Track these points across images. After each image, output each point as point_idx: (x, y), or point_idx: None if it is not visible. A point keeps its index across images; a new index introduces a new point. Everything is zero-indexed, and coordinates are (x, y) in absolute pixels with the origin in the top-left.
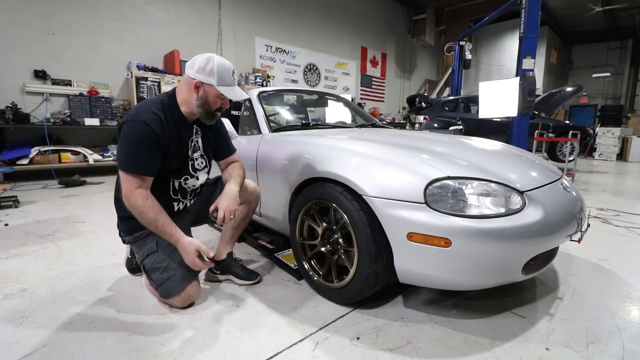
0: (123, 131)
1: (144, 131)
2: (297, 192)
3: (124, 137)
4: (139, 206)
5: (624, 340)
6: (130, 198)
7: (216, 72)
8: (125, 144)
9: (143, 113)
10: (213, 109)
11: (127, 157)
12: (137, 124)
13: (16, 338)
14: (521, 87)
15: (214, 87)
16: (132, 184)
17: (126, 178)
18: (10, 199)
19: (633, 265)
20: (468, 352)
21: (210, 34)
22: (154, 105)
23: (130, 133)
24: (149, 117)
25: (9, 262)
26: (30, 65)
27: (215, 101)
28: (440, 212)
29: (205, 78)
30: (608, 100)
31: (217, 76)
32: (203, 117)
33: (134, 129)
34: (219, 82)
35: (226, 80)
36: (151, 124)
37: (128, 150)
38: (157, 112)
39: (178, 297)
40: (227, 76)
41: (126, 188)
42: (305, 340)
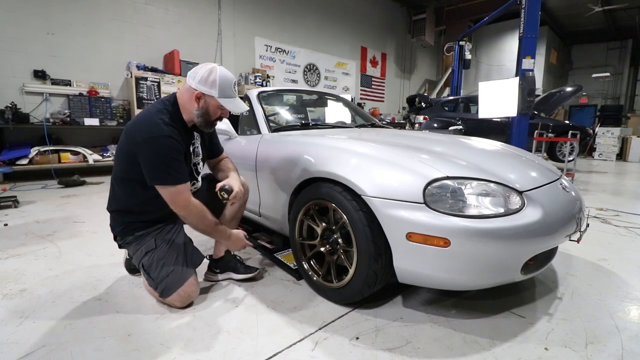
0: (151, 149)
1: (170, 143)
2: (297, 192)
3: (156, 154)
4: (200, 211)
5: (623, 340)
6: (190, 206)
7: (218, 84)
8: (162, 160)
9: (161, 126)
10: (212, 119)
11: (171, 172)
12: (164, 139)
13: (15, 338)
14: (521, 87)
15: (214, 99)
16: (186, 194)
17: (177, 190)
18: (9, 199)
19: (632, 265)
20: (467, 352)
21: (210, 34)
22: (164, 116)
23: (160, 149)
24: (169, 130)
25: (8, 262)
26: (30, 65)
27: (215, 112)
28: (440, 212)
29: (206, 89)
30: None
31: (218, 88)
32: (203, 126)
33: (163, 145)
34: (220, 94)
35: (227, 92)
36: (173, 135)
37: (167, 164)
38: (169, 122)
39: (177, 297)
40: (229, 88)
41: (184, 199)
42: (304, 340)
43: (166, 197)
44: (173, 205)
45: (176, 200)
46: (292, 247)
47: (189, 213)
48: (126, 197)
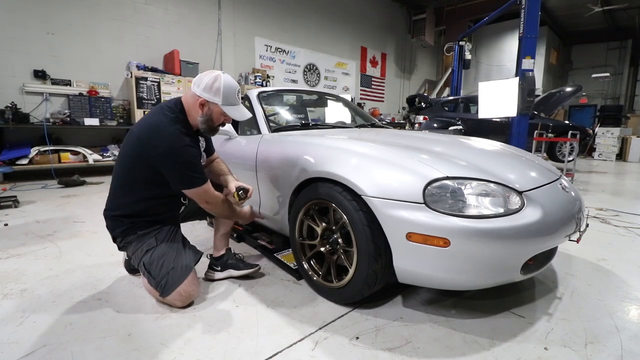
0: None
1: (191, 150)
2: (297, 192)
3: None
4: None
5: (623, 340)
6: (217, 200)
7: (222, 91)
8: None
9: (181, 137)
10: (216, 125)
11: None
12: (185, 148)
13: (16, 338)
14: (520, 87)
15: (218, 106)
16: (212, 190)
17: (205, 190)
18: (9, 199)
19: (632, 265)
20: (467, 352)
21: (210, 34)
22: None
23: (185, 157)
24: (188, 140)
25: (8, 262)
26: (30, 65)
27: (218, 118)
28: (439, 212)
29: (210, 97)
30: (607, 101)
31: (222, 96)
32: (206, 131)
33: (187, 154)
34: (224, 101)
35: (231, 100)
36: (193, 144)
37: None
38: (187, 132)
39: (177, 296)
40: (232, 96)
41: (212, 196)
42: (304, 340)
43: (195, 197)
44: (202, 202)
45: (206, 198)
46: (292, 247)
47: (216, 204)
48: (130, 198)
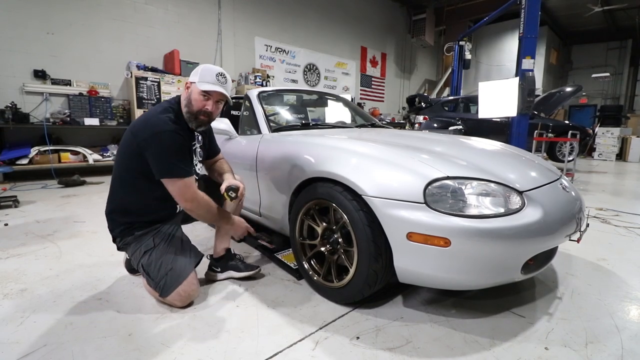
0: (159, 143)
1: (177, 138)
2: (297, 192)
3: (164, 148)
4: (207, 202)
5: (623, 340)
6: (197, 199)
7: (200, 71)
8: (171, 154)
9: (167, 122)
10: (195, 109)
11: (179, 165)
12: (169, 134)
13: (16, 338)
14: (521, 87)
15: (196, 85)
16: (193, 187)
17: (185, 183)
18: (9, 198)
19: (632, 265)
20: (467, 352)
21: (210, 34)
22: (169, 115)
23: (167, 144)
24: (173, 127)
25: (8, 262)
26: (30, 65)
27: (197, 99)
28: (440, 212)
29: (192, 78)
30: (607, 100)
31: (199, 74)
32: (191, 120)
33: (169, 139)
34: (200, 79)
35: (207, 78)
36: (178, 131)
37: (175, 158)
38: (174, 119)
39: (177, 296)
40: (210, 75)
41: (192, 192)
42: (305, 340)
43: (174, 191)
44: (181, 198)
45: (184, 193)
46: (292, 247)
47: (197, 205)
48: (127, 197)
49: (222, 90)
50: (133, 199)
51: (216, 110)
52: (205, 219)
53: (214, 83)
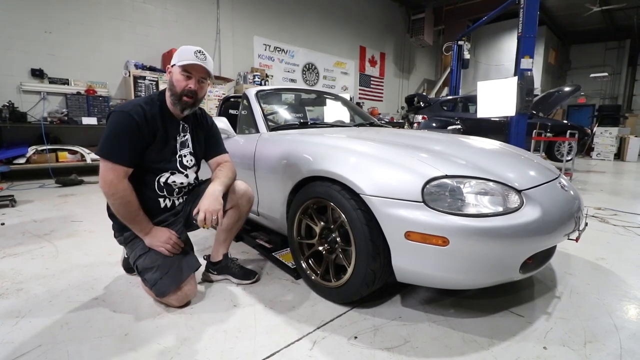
0: (108, 122)
1: (125, 121)
2: (295, 191)
3: (108, 127)
4: (124, 196)
5: (622, 339)
6: (115, 187)
7: (178, 52)
8: (109, 134)
9: (128, 105)
10: (178, 90)
11: (111, 146)
12: (120, 114)
13: (11, 338)
14: (519, 86)
15: (176, 66)
16: (116, 174)
17: (111, 167)
18: (7, 198)
19: (631, 264)
20: (466, 351)
21: (208, 33)
22: (142, 100)
23: (113, 123)
24: (132, 109)
25: (5, 261)
26: (28, 64)
27: (179, 80)
28: (438, 211)
29: (172, 62)
30: (606, 100)
31: (178, 55)
32: (175, 102)
33: (116, 119)
34: (179, 59)
35: (185, 57)
36: (133, 114)
37: (111, 139)
38: (143, 105)
39: (174, 296)
40: (188, 53)
41: (112, 177)
42: (302, 340)
43: (100, 172)
44: (101, 181)
45: (105, 177)
46: (290, 246)
47: (113, 194)
48: None
49: (202, 64)
50: None
51: (200, 90)
52: (119, 214)
53: (193, 59)
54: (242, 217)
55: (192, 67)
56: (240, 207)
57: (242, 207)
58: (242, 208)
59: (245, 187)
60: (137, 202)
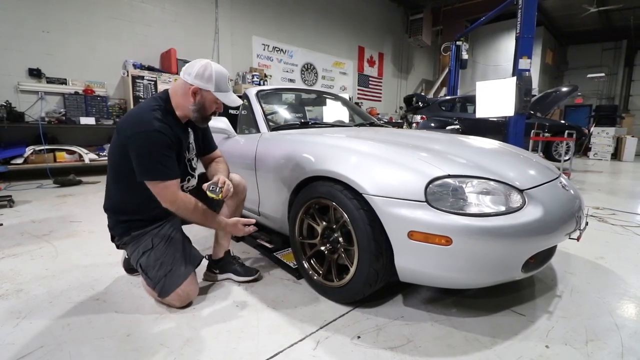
0: (141, 143)
1: (157, 138)
2: (297, 191)
3: (146, 149)
4: (189, 203)
5: (623, 338)
6: (178, 202)
7: (214, 78)
8: (150, 154)
9: (152, 121)
10: (208, 113)
11: (159, 167)
12: (153, 134)
13: (12, 339)
14: (518, 87)
15: (211, 93)
16: (173, 189)
17: (166, 185)
18: (4, 198)
19: (630, 263)
20: (469, 350)
21: (207, 33)
22: (156, 112)
23: (145, 144)
24: (160, 125)
25: (4, 262)
26: (25, 63)
27: (211, 106)
28: (441, 211)
29: (203, 84)
30: (602, 101)
31: (215, 83)
32: (199, 121)
33: (153, 139)
34: (217, 88)
35: (222, 87)
36: (164, 131)
37: (155, 159)
38: (160, 118)
39: (175, 297)
40: (224, 83)
41: (171, 194)
42: (305, 340)
43: (156, 192)
44: (161, 200)
45: (164, 195)
46: (292, 246)
47: (178, 207)
48: (120, 194)
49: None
50: (128, 198)
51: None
52: (191, 220)
53: (229, 90)
54: (240, 207)
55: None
56: (238, 195)
57: (239, 195)
58: (240, 197)
59: (240, 178)
60: (200, 203)
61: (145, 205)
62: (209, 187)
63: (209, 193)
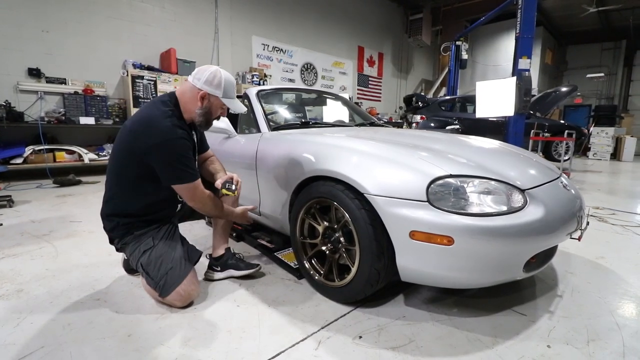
0: (169, 151)
1: (187, 145)
2: (298, 191)
3: (174, 156)
4: (214, 199)
5: (624, 337)
6: (206, 198)
7: (223, 85)
8: (180, 160)
9: (174, 129)
10: (213, 117)
11: (188, 170)
12: (180, 142)
13: (13, 339)
14: (518, 86)
15: (218, 99)
16: (202, 188)
17: (195, 186)
18: (4, 198)
19: (630, 263)
20: (470, 350)
21: (206, 33)
22: (172, 119)
23: (180, 151)
24: (182, 132)
25: (4, 262)
26: (25, 63)
27: (216, 111)
28: (443, 211)
29: (212, 90)
30: (602, 101)
31: (223, 89)
32: (202, 124)
33: (180, 147)
34: (225, 94)
35: (229, 93)
36: (186, 137)
37: (184, 164)
38: (181, 125)
39: (177, 295)
40: (231, 89)
41: (200, 193)
42: (307, 340)
43: (184, 193)
44: (191, 200)
45: (195, 195)
46: (293, 246)
47: (205, 204)
48: (126, 198)
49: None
50: (132, 201)
51: None
52: (210, 213)
53: (234, 97)
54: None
55: None
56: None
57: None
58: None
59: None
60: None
61: (147, 208)
62: (224, 185)
63: (225, 191)
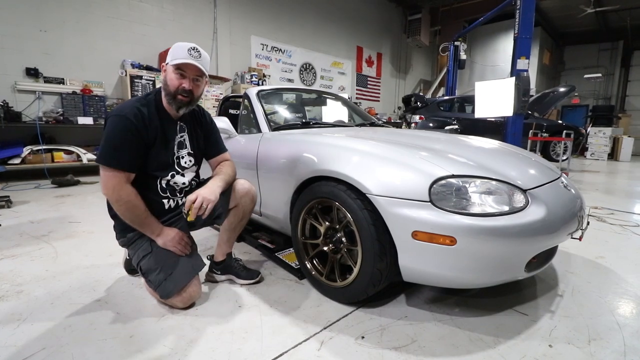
0: (106, 126)
1: (123, 124)
2: (299, 191)
3: (106, 132)
4: (129, 201)
5: (625, 337)
6: (118, 193)
7: (171, 50)
8: (107, 139)
9: (125, 108)
10: (172, 89)
11: (111, 152)
12: (117, 118)
13: (14, 341)
14: (516, 87)
15: (169, 65)
16: (118, 180)
17: (112, 173)
18: (2, 199)
19: (629, 262)
20: (473, 350)
21: (205, 33)
22: (138, 102)
23: (111, 128)
24: (130, 112)
25: (3, 263)
26: (22, 63)
27: (172, 79)
28: (445, 211)
29: (167, 59)
30: (599, 101)
31: (171, 53)
32: (170, 102)
33: (114, 123)
34: (173, 57)
35: (179, 55)
36: (132, 118)
37: (110, 145)
38: (140, 107)
39: (178, 297)
40: (181, 51)
41: (114, 184)
42: (310, 340)
43: (101, 178)
44: (104, 188)
45: (107, 183)
46: (294, 247)
47: (117, 200)
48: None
49: (195, 63)
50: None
51: (196, 89)
52: (127, 219)
53: (186, 58)
54: (246, 216)
55: (186, 66)
56: (243, 206)
57: (245, 206)
58: (245, 207)
59: (249, 187)
60: (143, 205)
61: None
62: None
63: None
